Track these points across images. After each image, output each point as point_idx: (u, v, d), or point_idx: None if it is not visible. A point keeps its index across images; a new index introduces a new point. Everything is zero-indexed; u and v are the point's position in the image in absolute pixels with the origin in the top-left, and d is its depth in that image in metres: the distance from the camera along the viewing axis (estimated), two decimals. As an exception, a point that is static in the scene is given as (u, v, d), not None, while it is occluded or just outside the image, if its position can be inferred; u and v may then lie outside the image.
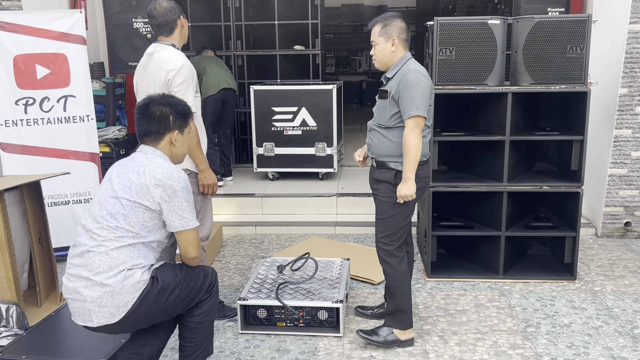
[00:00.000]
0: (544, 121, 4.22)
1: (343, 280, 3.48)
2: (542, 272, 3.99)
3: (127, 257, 2.32)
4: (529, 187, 3.81)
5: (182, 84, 3.08)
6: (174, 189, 2.34)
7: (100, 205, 2.37)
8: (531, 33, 3.65)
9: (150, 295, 2.34)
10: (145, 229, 2.36)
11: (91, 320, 2.32)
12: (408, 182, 2.88)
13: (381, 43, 2.95)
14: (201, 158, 3.22)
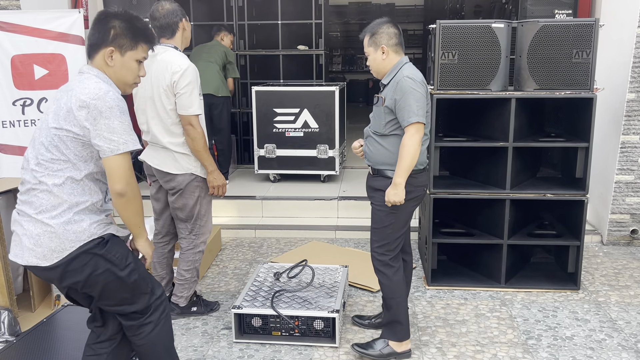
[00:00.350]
0: (549, 127, 4.13)
1: (340, 289, 3.41)
2: (545, 281, 3.90)
3: (70, 194, 2.10)
4: (533, 195, 3.73)
5: (187, 85, 3.07)
6: (99, 109, 2.04)
7: (35, 139, 2.15)
8: (536, 37, 3.56)
9: (89, 253, 2.13)
10: (82, 160, 2.11)
11: (22, 256, 2.14)
12: (397, 188, 2.80)
13: (372, 53, 2.90)
14: (208, 160, 3.21)
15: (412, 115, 2.76)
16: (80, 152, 2.10)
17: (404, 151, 2.78)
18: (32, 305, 3.56)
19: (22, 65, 4.22)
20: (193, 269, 3.40)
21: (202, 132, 3.15)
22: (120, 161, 2.08)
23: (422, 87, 2.81)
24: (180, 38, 3.23)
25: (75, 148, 2.09)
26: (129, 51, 2.18)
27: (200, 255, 3.41)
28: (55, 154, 2.08)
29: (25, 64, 4.24)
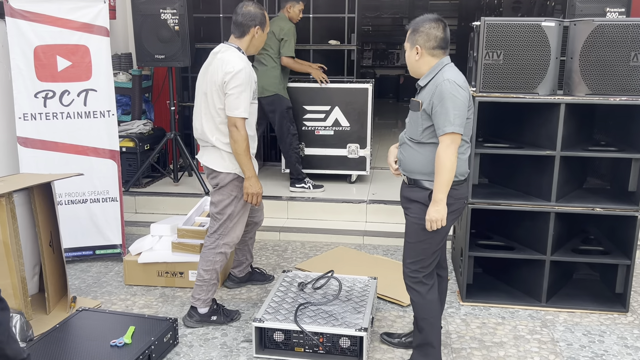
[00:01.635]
0: (598, 134, 3.83)
1: (369, 304, 3.19)
2: (590, 301, 3.62)
3: None
4: (580, 209, 3.45)
5: (236, 87, 3.08)
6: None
7: None
8: (590, 38, 3.27)
9: None
10: None
11: None
12: (439, 205, 2.57)
13: (407, 49, 2.69)
14: (248, 165, 3.18)
15: (447, 125, 2.52)
16: None
17: (440, 164, 2.54)
18: (46, 307, 3.43)
19: (45, 56, 4.08)
20: (212, 270, 3.29)
21: (245, 136, 3.12)
22: None
23: (464, 92, 2.56)
24: (248, 42, 3.27)
25: None
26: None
27: (221, 257, 3.30)
28: None
29: (48, 54, 4.09)
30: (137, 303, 3.63)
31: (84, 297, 3.68)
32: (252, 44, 3.29)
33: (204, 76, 3.25)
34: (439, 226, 2.59)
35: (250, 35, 3.24)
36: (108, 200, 4.29)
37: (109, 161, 4.26)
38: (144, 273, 3.82)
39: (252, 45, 3.30)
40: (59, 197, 4.17)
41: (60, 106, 4.15)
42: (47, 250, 3.43)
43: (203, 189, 5.26)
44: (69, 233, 4.17)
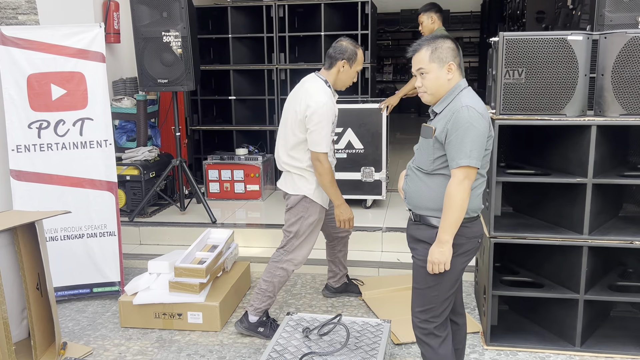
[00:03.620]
0: (635, 156, 3.46)
1: (380, 353, 2.86)
2: (630, 343, 3.24)
3: None
4: (617, 242, 3.08)
5: (318, 123, 3.18)
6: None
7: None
8: (623, 52, 2.93)
9: None
10: None
11: None
12: (444, 246, 2.26)
13: (434, 70, 2.33)
14: (335, 194, 3.32)
15: (462, 157, 2.21)
16: None
17: (450, 201, 2.23)
18: (33, 355, 3.18)
19: (38, 84, 3.89)
20: (270, 282, 3.39)
21: (328, 168, 3.25)
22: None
23: (484, 121, 2.25)
24: (335, 76, 3.33)
25: None
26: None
27: (281, 272, 3.38)
28: None
29: (42, 83, 3.90)
30: (132, 349, 3.36)
31: (75, 343, 3.43)
32: (339, 78, 3.34)
33: (289, 103, 3.37)
34: (442, 270, 2.28)
35: (336, 68, 3.30)
36: (106, 235, 4.05)
37: (106, 193, 4.03)
38: (140, 315, 3.56)
39: (339, 80, 3.35)
40: (54, 232, 3.96)
41: (55, 136, 3.95)
42: (34, 294, 3.19)
43: (210, 218, 5.00)
44: (64, 270, 3.95)
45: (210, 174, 5.80)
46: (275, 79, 6.24)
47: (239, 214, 5.40)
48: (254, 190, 5.79)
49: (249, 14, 6.34)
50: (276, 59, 6.21)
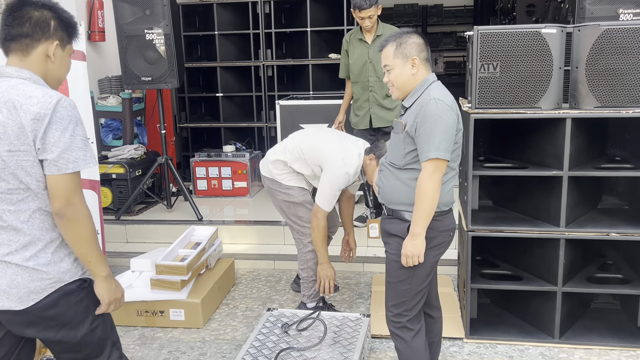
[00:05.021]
0: (613, 148, 3.47)
1: (357, 348, 2.88)
2: (609, 335, 3.25)
3: (41, 229, 1.83)
4: (593, 234, 3.09)
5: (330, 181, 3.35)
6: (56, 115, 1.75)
7: None
8: (597, 44, 2.93)
9: (69, 294, 1.88)
10: (41, 185, 1.79)
11: None
12: (416, 239, 2.27)
13: (398, 66, 2.35)
14: (322, 252, 3.41)
15: (431, 150, 2.22)
16: (41, 175, 1.78)
17: (421, 194, 2.24)
18: (14, 354, 3.19)
19: (19, 84, 3.90)
20: (307, 268, 3.54)
21: (324, 226, 3.36)
22: (66, 180, 1.78)
23: (452, 113, 2.26)
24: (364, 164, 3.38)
25: (36, 172, 1.78)
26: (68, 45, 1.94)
27: (311, 255, 3.52)
28: (11, 183, 1.78)
29: (23, 83, 3.90)
30: (113, 347, 3.37)
31: (57, 341, 3.44)
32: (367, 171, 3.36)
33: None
34: (415, 262, 2.29)
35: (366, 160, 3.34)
36: (89, 233, 4.05)
37: (88, 192, 4.03)
38: (122, 312, 3.56)
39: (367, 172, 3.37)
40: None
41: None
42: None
43: (196, 215, 5.01)
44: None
45: (198, 171, 5.81)
46: (263, 75, 6.24)
47: (226, 211, 5.41)
48: (241, 187, 5.80)
49: (235, 10, 6.33)
50: (263, 56, 6.21)
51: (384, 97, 4.47)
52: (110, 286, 1.93)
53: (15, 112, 1.74)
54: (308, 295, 3.57)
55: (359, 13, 4.26)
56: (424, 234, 2.30)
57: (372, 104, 4.48)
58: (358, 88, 4.50)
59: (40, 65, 1.86)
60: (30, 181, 1.78)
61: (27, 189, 1.79)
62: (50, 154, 1.75)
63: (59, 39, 1.87)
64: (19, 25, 1.83)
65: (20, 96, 1.76)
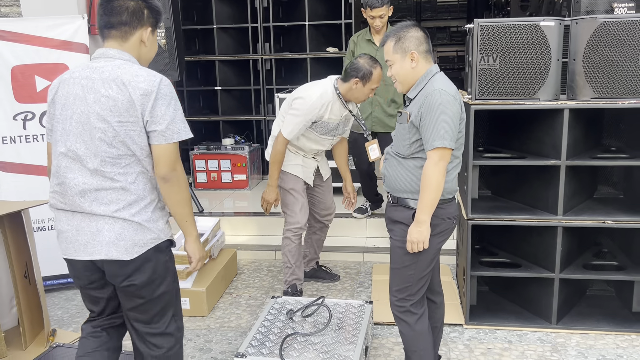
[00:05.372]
0: (608, 138, 3.56)
1: (362, 333, 2.95)
2: (605, 320, 3.34)
3: (144, 190, 2.08)
4: (590, 222, 3.18)
5: (295, 110, 3.41)
6: (160, 91, 2.01)
7: (85, 134, 2.03)
8: (593, 37, 3.01)
9: (160, 253, 2.13)
10: (145, 152, 2.06)
11: (101, 251, 2.05)
12: (421, 226, 2.34)
13: (398, 61, 2.43)
14: (272, 174, 3.53)
15: (436, 139, 2.28)
16: (145, 145, 2.06)
17: (426, 182, 2.31)
18: (22, 342, 3.24)
19: (23, 76, 3.92)
20: (283, 253, 3.72)
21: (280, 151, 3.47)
22: (171, 148, 2.05)
23: (455, 103, 2.32)
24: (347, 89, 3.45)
25: (140, 140, 2.04)
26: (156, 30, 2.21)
27: (286, 242, 3.68)
28: (121, 150, 2.03)
29: (27, 75, 3.93)
30: (120, 334, 3.42)
31: (64, 330, 3.49)
32: (352, 94, 3.41)
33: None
34: (420, 248, 2.36)
35: (349, 84, 3.38)
36: (93, 224, 4.10)
37: (92, 183, 4.08)
38: (128, 301, 3.62)
39: (352, 95, 3.42)
40: (41, 223, 4.01)
41: (41, 128, 3.99)
42: (22, 282, 3.25)
43: (197, 207, 5.06)
44: (53, 260, 3.98)
45: (197, 164, 5.85)
46: (261, 69, 6.28)
47: (226, 203, 5.46)
48: (241, 179, 5.85)
49: (233, 4, 6.36)
50: (261, 49, 6.25)
51: (388, 103, 4.38)
52: (200, 245, 2.24)
53: (125, 88, 1.99)
54: (284, 280, 3.74)
55: (370, 12, 4.14)
56: (429, 221, 2.36)
57: (375, 108, 4.37)
58: None
59: (135, 49, 2.13)
60: (136, 148, 2.03)
61: (133, 155, 2.05)
62: (159, 126, 2.01)
63: (151, 25, 2.15)
64: (118, 14, 2.08)
65: (127, 74, 2.01)
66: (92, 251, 2.06)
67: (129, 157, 2.05)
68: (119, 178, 2.04)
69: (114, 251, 2.04)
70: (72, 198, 2.06)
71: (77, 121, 2.04)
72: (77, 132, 2.04)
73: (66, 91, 2.07)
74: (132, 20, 2.10)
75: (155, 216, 2.10)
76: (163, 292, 2.15)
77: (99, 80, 2.02)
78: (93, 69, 2.05)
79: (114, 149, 2.02)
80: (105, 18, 2.10)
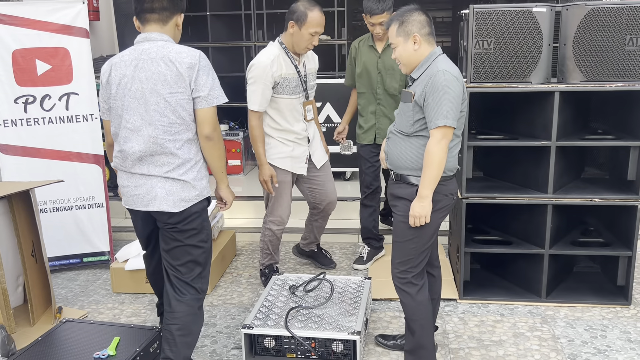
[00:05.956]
0: (595, 122, 3.72)
1: (362, 306, 3.08)
2: (591, 294, 3.51)
3: (189, 153, 2.46)
4: (578, 200, 3.33)
5: (249, 79, 3.32)
6: (201, 64, 2.41)
7: (140, 107, 2.40)
8: (583, 22, 3.15)
9: (202, 208, 2.55)
10: (192, 117, 2.44)
11: (154, 204, 2.46)
12: (424, 201, 2.46)
13: (401, 44, 2.54)
14: (258, 154, 3.43)
15: (440, 118, 2.40)
16: (191, 110, 2.43)
17: (429, 159, 2.43)
18: (30, 319, 3.32)
19: (23, 60, 3.97)
20: (262, 241, 3.72)
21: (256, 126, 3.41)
22: (213, 111, 2.46)
23: (458, 84, 2.44)
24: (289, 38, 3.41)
25: (188, 107, 2.42)
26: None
27: (268, 232, 3.65)
28: (171, 118, 2.40)
29: (27, 58, 3.97)
30: (125, 312, 3.52)
31: (70, 307, 3.58)
32: (293, 41, 3.35)
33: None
34: (422, 223, 2.48)
35: (288, 30, 3.33)
36: (94, 207, 4.18)
37: (93, 166, 4.15)
38: (131, 280, 3.72)
39: (294, 42, 3.35)
40: (43, 205, 4.07)
41: (42, 111, 4.04)
42: (29, 261, 3.33)
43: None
44: (54, 241, 4.07)
45: (192, 149, 5.92)
46: (254, 56, 6.34)
47: (221, 188, 5.54)
48: (235, 165, 5.94)
49: (226, -9, 6.43)
50: (254, 36, 6.33)
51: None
52: (231, 191, 2.73)
53: (172, 64, 2.37)
54: (260, 262, 3.79)
55: (370, 18, 3.69)
56: (431, 196, 2.48)
57: (379, 118, 3.88)
58: (364, 100, 3.94)
59: (172, 31, 2.51)
60: (185, 114, 2.41)
61: (182, 122, 2.41)
62: (202, 92, 2.40)
63: (182, 11, 2.52)
64: (159, 0, 2.42)
65: (172, 52, 2.38)
66: (147, 204, 2.48)
67: (178, 125, 2.41)
68: (169, 145, 2.41)
69: (165, 205, 2.45)
70: (131, 163, 2.48)
71: (132, 97, 2.40)
72: (133, 106, 2.41)
73: (120, 73, 2.42)
74: (171, 6, 2.45)
75: (200, 175, 2.50)
76: (195, 244, 2.53)
77: (147, 60, 2.38)
78: (140, 51, 2.41)
79: (165, 118, 2.39)
80: (147, 3, 2.41)
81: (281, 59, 3.35)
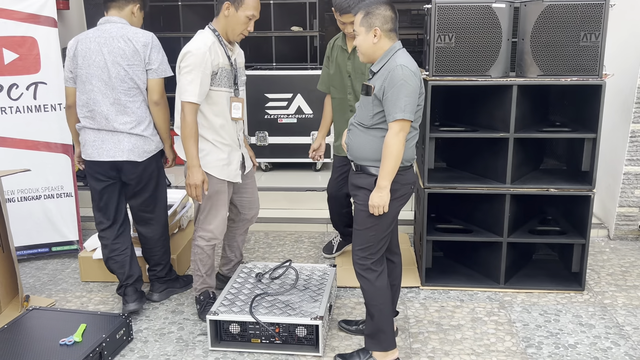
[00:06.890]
0: (554, 115, 3.84)
1: (326, 292, 3.17)
2: (547, 281, 3.65)
3: (145, 113, 3.14)
4: (535, 190, 3.46)
5: (184, 68, 2.89)
6: (153, 43, 3.09)
7: (104, 75, 3.05)
8: (540, 18, 3.26)
9: (158, 158, 3.27)
10: (144, 86, 3.10)
11: (122, 155, 3.10)
12: (382, 191, 2.55)
13: (362, 34, 2.60)
14: (189, 153, 2.93)
15: (397, 111, 2.49)
16: (145, 80, 3.10)
17: (387, 151, 2.51)
18: (-3, 307, 3.34)
19: (-10, 49, 3.95)
20: (193, 261, 3.27)
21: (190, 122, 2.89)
22: (161, 82, 3.13)
23: (415, 79, 2.53)
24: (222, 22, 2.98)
25: (143, 76, 3.08)
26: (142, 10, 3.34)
27: (197, 250, 3.20)
28: (129, 84, 3.06)
29: (-6, 47, 3.96)
30: (93, 300, 3.56)
31: (37, 296, 3.60)
32: (228, 25, 2.94)
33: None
34: (381, 212, 2.57)
35: (222, 13, 2.92)
36: (63, 196, 4.19)
37: (62, 155, 4.16)
38: (100, 269, 3.74)
39: (229, 27, 2.94)
40: (10, 194, 4.07)
41: (9, 100, 4.03)
42: (-4, 250, 3.34)
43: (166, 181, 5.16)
44: (23, 230, 4.08)
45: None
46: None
47: (192, 178, 5.57)
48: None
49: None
50: (226, 27, 6.34)
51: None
52: (174, 150, 3.29)
53: (130, 42, 3.04)
54: (194, 287, 3.32)
55: (339, 17, 3.42)
56: (389, 186, 2.57)
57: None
58: (336, 105, 3.73)
59: (128, 17, 3.17)
60: (140, 83, 3.08)
61: (137, 88, 3.08)
62: (153, 66, 3.08)
63: (139, 3, 3.21)
64: None
65: (130, 32, 3.06)
66: (114, 155, 3.09)
67: (135, 89, 3.08)
68: (129, 105, 3.07)
69: (132, 155, 3.10)
70: (100, 121, 3.09)
71: (96, 66, 3.04)
72: (98, 74, 3.05)
73: (85, 46, 3.06)
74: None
75: (154, 132, 3.18)
76: (155, 185, 3.29)
77: (109, 37, 3.04)
78: (102, 30, 3.08)
79: (125, 84, 3.04)
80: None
81: (217, 46, 2.93)
